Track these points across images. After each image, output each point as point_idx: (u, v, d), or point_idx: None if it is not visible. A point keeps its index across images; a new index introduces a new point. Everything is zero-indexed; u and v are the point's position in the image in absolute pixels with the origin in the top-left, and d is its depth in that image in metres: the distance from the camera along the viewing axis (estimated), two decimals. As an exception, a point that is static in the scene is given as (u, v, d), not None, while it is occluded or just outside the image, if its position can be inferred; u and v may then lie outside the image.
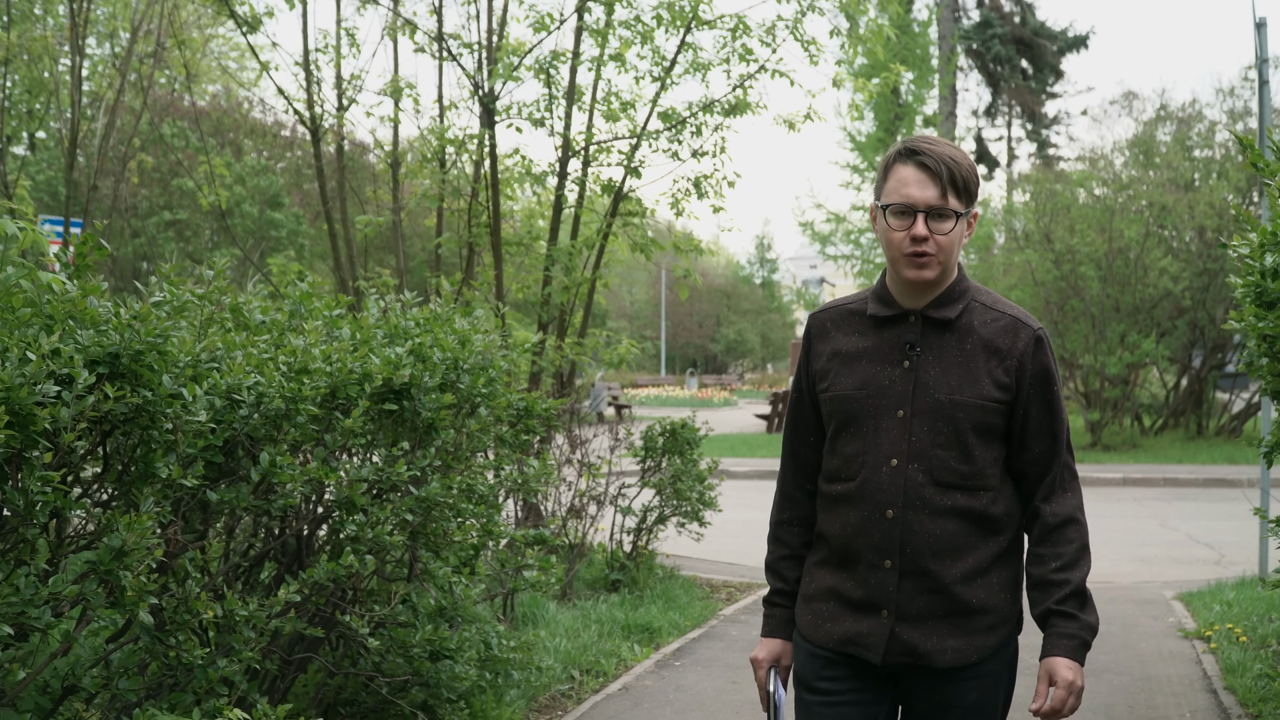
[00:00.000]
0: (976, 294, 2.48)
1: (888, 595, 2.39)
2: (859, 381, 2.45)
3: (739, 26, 7.81)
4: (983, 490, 2.40)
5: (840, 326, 2.53)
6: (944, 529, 2.37)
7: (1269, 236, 3.15)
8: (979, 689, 2.43)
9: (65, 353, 2.68)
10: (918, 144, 2.40)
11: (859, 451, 2.43)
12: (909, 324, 2.45)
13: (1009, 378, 2.41)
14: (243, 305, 3.74)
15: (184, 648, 3.11)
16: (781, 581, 2.61)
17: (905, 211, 2.36)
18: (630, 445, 7.84)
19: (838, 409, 2.47)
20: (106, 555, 2.81)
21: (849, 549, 2.44)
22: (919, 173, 2.36)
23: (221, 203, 9.16)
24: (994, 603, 2.41)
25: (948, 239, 2.37)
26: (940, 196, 2.35)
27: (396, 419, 4.02)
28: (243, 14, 8.48)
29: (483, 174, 8.18)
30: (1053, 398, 2.45)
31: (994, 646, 2.43)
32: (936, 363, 2.42)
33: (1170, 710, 5.25)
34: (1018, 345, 2.42)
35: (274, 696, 3.93)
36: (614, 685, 5.62)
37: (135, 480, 2.98)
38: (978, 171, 2.44)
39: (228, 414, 3.21)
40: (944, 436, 2.38)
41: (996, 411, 2.40)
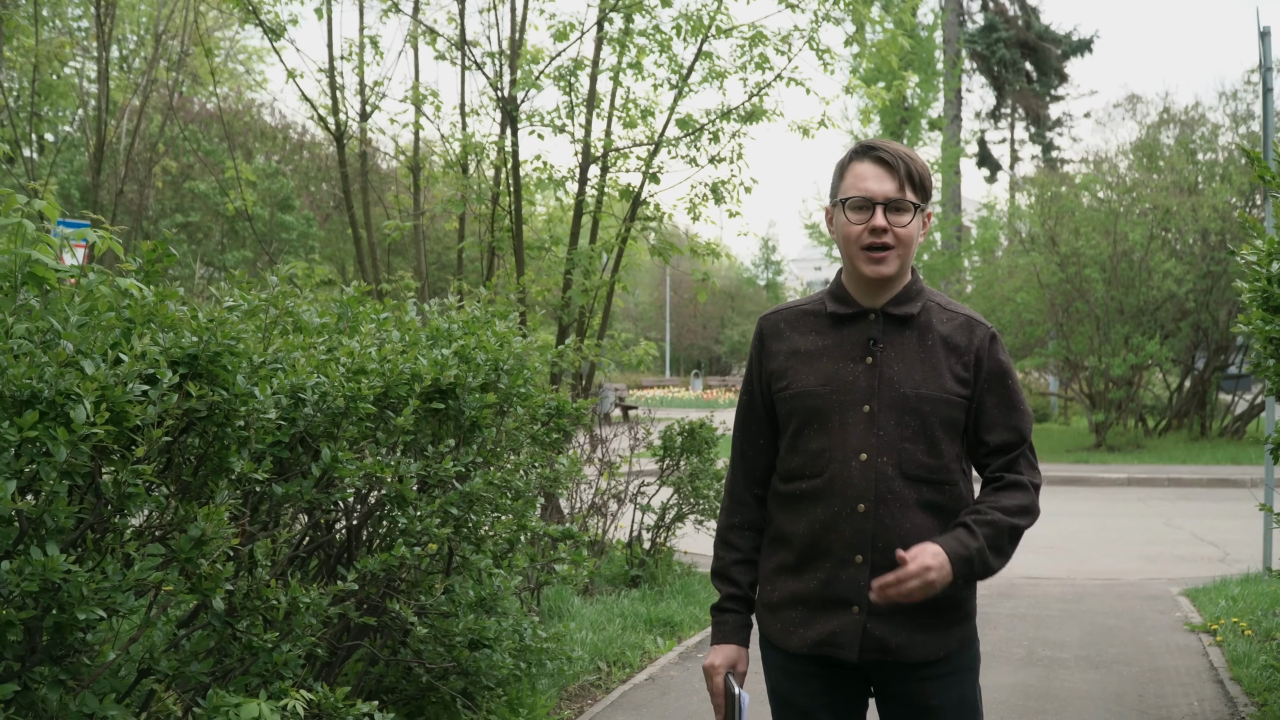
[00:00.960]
0: (931, 295, 2.52)
1: (858, 591, 2.38)
2: (821, 378, 2.44)
3: (756, 36, 8.00)
4: (947, 485, 2.42)
5: (795, 326, 2.53)
6: (914, 523, 2.38)
7: (1276, 245, 3.34)
8: (959, 685, 2.45)
9: (151, 354, 2.87)
10: (874, 142, 2.45)
11: (825, 447, 2.41)
12: (869, 321, 2.46)
13: (968, 373, 2.43)
14: (299, 310, 3.93)
15: (253, 632, 3.30)
16: (734, 586, 2.56)
17: (864, 205, 2.39)
18: (649, 445, 8.03)
19: (799, 406, 2.45)
20: (187, 544, 3.00)
21: (816, 546, 2.42)
22: (876, 167, 2.40)
23: (248, 208, 9.35)
24: (959, 597, 2.43)
25: (906, 231, 2.40)
26: (898, 189, 2.39)
27: (442, 417, 4.21)
28: (268, 22, 8.68)
29: (504, 179, 8.37)
30: (1008, 391, 2.46)
31: (960, 641, 2.45)
32: (899, 358, 2.43)
33: (1179, 699, 5.44)
34: (974, 342, 2.45)
35: (324, 683, 4.12)
36: (640, 675, 5.81)
37: (210, 474, 3.16)
38: (931, 173, 2.49)
39: (292, 412, 3.40)
40: (911, 430, 2.39)
41: (959, 406, 2.42)
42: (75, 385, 2.65)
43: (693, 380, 44.28)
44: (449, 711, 4.69)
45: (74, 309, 2.88)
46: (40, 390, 2.65)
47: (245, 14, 8.49)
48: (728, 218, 8.70)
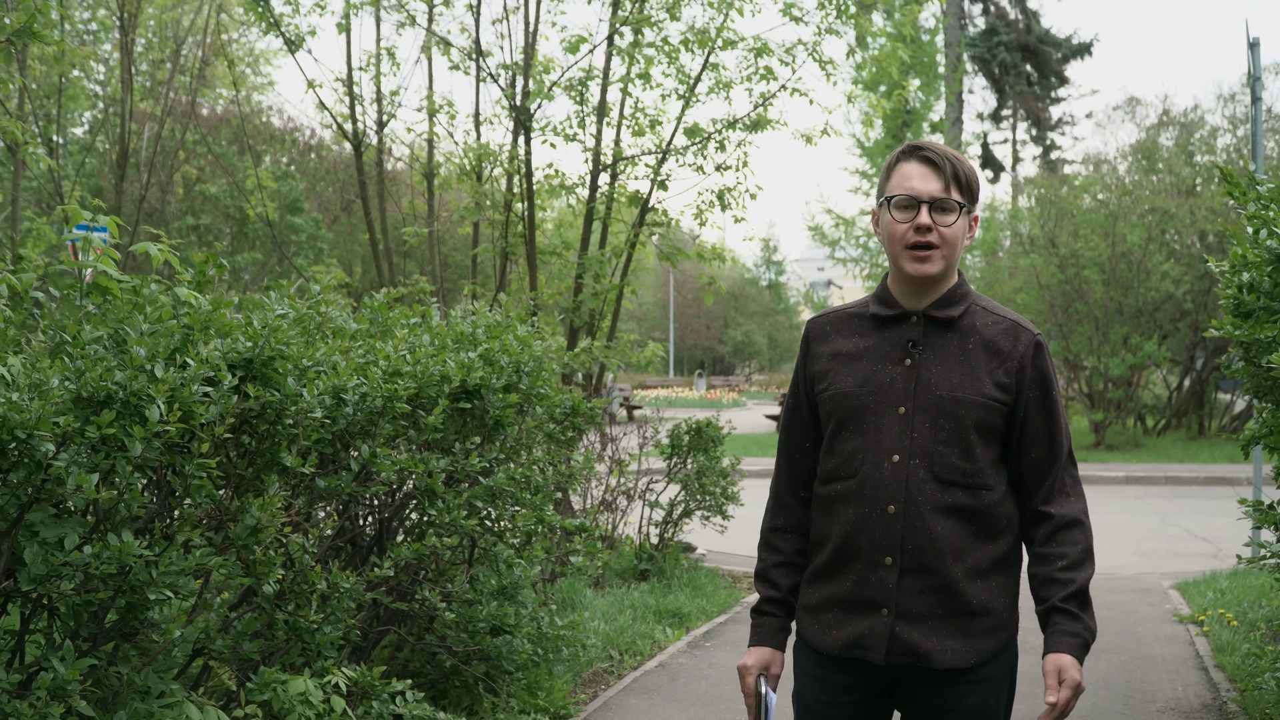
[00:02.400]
0: (977, 299, 2.50)
1: (887, 593, 2.38)
2: (859, 379, 2.44)
3: (762, 48, 8.28)
4: (982, 490, 2.39)
5: (840, 330, 2.53)
6: (945, 526, 2.36)
7: (1240, 258, 3.61)
8: (980, 693, 2.41)
9: (213, 358, 3.15)
10: (922, 143, 2.46)
11: (859, 448, 2.41)
12: (911, 323, 2.45)
13: (1009, 379, 2.41)
14: (336, 316, 4.20)
15: (300, 614, 3.58)
16: (774, 589, 2.56)
17: (909, 204, 2.39)
18: (657, 443, 8.31)
19: (837, 406, 2.46)
20: (244, 533, 3.28)
21: (848, 547, 2.42)
22: (922, 167, 2.40)
23: (269, 214, 9.63)
24: (993, 605, 2.41)
25: (951, 231, 2.39)
26: (944, 189, 2.38)
27: (468, 416, 4.49)
28: (288, 33, 8.96)
29: (516, 187, 8.65)
30: (1051, 403, 2.45)
31: (992, 650, 2.41)
32: (938, 360, 2.42)
33: (1164, 685, 5.71)
34: (1018, 348, 2.42)
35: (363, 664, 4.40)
36: (651, 663, 6.09)
37: (262, 468, 3.44)
38: (979, 176, 2.48)
39: (335, 411, 3.67)
40: (946, 433, 2.38)
41: (997, 411, 2.40)
42: (148, 387, 2.93)
43: (696, 380, 44.57)
44: (471, 694, 4.96)
45: (147, 318, 3.15)
46: (115, 392, 2.92)
47: (268, 26, 8.76)
48: (733, 223, 8.99)
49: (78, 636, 3.01)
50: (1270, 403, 3.83)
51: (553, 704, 5.14)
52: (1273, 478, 4.95)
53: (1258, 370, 3.76)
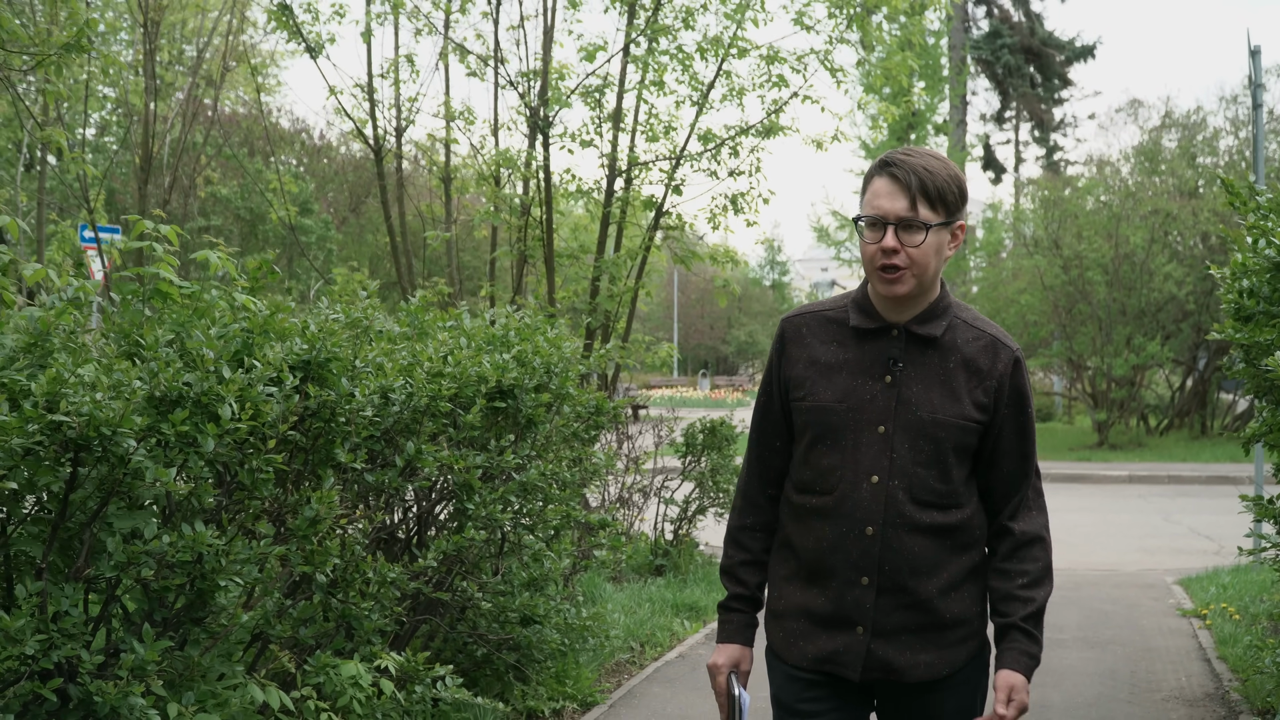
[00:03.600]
0: (959, 310, 2.46)
1: (864, 612, 2.37)
2: (839, 394, 2.41)
3: (774, 57, 8.49)
4: (955, 508, 2.40)
5: (817, 334, 2.48)
6: (922, 546, 2.36)
7: (1240, 266, 3.82)
8: (957, 696, 2.44)
9: (275, 360, 3.35)
10: (893, 156, 2.36)
11: (837, 465, 2.39)
12: (892, 338, 2.41)
13: (988, 398, 2.40)
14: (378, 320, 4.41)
15: (352, 601, 3.79)
16: (741, 586, 2.55)
17: (876, 223, 2.34)
18: (672, 442, 8.52)
19: (814, 419, 2.42)
20: (303, 524, 3.49)
21: (822, 564, 2.40)
22: (889, 184, 2.32)
23: (290, 218, 9.84)
24: (966, 615, 2.43)
25: (919, 251, 2.32)
26: (909, 208, 2.30)
27: (502, 414, 4.70)
28: (310, 40, 9.17)
29: (533, 191, 8.86)
30: (1025, 420, 2.45)
31: (965, 658, 2.43)
32: (919, 380, 2.39)
33: (1168, 676, 5.91)
34: (998, 366, 2.41)
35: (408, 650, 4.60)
36: (671, 654, 6.30)
37: (318, 463, 3.65)
38: (961, 181, 2.39)
39: (383, 410, 3.88)
40: (925, 455, 2.36)
41: (974, 432, 2.39)
42: (217, 388, 3.13)
43: (700, 380, 44.79)
44: (502, 682, 5.17)
45: (214, 322, 3.36)
46: (186, 392, 3.13)
47: (290, 33, 8.97)
48: (745, 227, 9.22)
49: (151, 620, 3.22)
50: (1270, 402, 4.02)
51: (580, 692, 5.34)
52: (1273, 475, 5.15)
53: (1257, 372, 3.96)
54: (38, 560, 3.07)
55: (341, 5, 9.36)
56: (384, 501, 4.29)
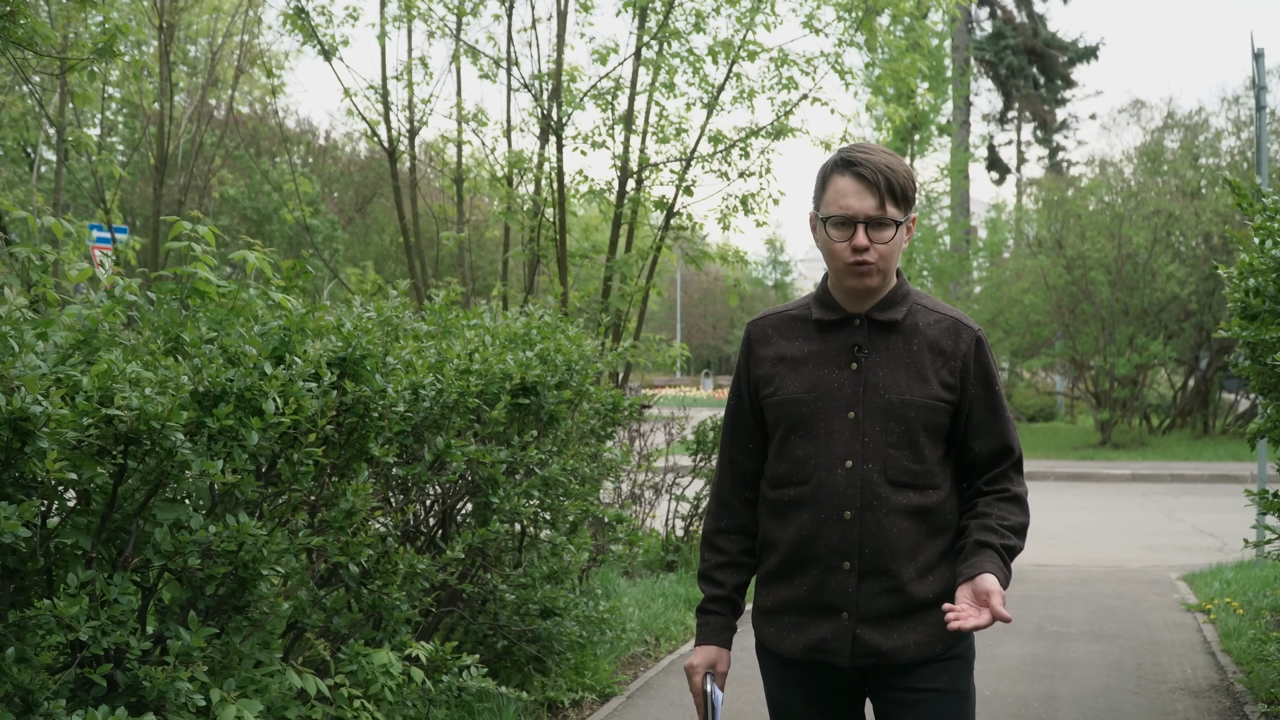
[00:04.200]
0: (917, 297, 2.52)
1: (847, 597, 2.40)
2: (807, 385, 2.45)
3: (784, 59, 8.60)
4: (930, 489, 2.43)
5: (782, 332, 2.54)
6: (900, 528, 2.40)
7: (1246, 266, 3.93)
8: (948, 671, 2.46)
9: (314, 357, 3.46)
10: (854, 154, 2.41)
11: (811, 454, 2.43)
12: (854, 327, 2.46)
13: (954, 378, 2.44)
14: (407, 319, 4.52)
15: (384, 591, 3.90)
16: (718, 588, 2.58)
17: (845, 223, 2.39)
18: (683, 440, 8.63)
19: (785, 412, 2.47)
20: (339, 515, 3.60)
21: (804, 553, 2.44)
22: (856, 183, 2.38)
23: (305, 218, 9.96)
24: (944, 593, 2.43)
25: (888, 247, 2.39)
26: (879, 206, 2.37)
27: (525, 411, 4.81)
28: (325, 43, 9.29)
29: (545, 192, 8.97)
30: (994, 398, 2.48)
31: (953, 635, 2.44)
32: (884, 364, 2.44)
33: (1173, 667, 6.02)
34: (960, 346, 2.45)
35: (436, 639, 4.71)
36: (685, 647, 6.42)
37: (352, 457, 3.76)
38: (914, 177, 2.48)
39: (414, 405, 3.99)
40: (896, 436, 2.40)
41: (944, 411, 2.43)
42: (260, 383, 3.25)
43: (703, 380, 44.91)
44: (522, 673, 5.28)
45: (258, 320, 3.47)
46: (229, 387, 3.24)
47: (306, 36, 9.09)
48: (755, 227, 9.33)
49: (195, 608, 3.33)
50: (1275, 398, 4.13)
51: (598, 683, 5.45)
52: (1277, 470, 5.26)
53: (1263, 368, 4.07)
54: (86, 550, 3.19)
55: (355, 8, 9.49)
56: (414, 495, 4.40)
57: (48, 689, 2.88)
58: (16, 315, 3.12)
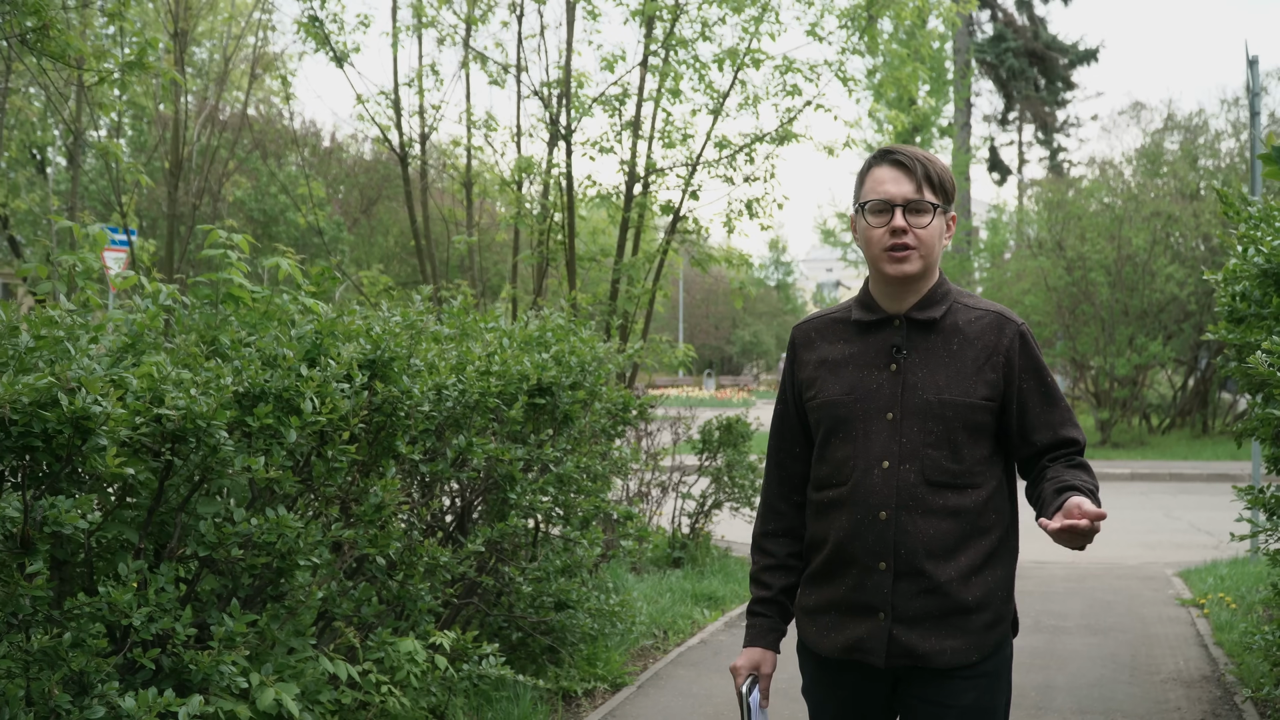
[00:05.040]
0: (958, 295, 2.51)
1: (883, 597, 2.40)
2: (846, 386, 2.47)
3: (788, 67, 8.79)
4: (971, 489, 2.41)
5: (825, 336, 2.55)
6: (937, 529, 2.39)
7: (1231, 272, 4.12)
8: (976, 689, 2.43)
9: (347, 359, 3.66)
10: (892, 147, 2.48)
11: (849, 455, 2.44)
12: (894, 328, 2.46)
13: (996, 374, 2.42)
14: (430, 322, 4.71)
15: (410, 583, 4.09)
16: (765, 590, 2.60)
17: (883, 208, 2.42)
18: (689, 439, 8.83)
19: (826, 415, 2.48)
20: (369, 510, 3.79)
21: (843, 553, 2.45)
22: (894, 170, 2.42)
23: (319, 222, 10.16)
24: (989, 600, 2.42)
25: (927, 232, 2.41)
26: (916, 190, 2.40)
27: (541, 410, 5.00)
28: (337, 49, 9.49)
29: (556, 197, 9.16)
30: (1048, 389, 2.46)
31: (992, 645, 2.43)
32: (924, 364, 2.43)
33: (1167, 659, 6.21)
34: (1003, 341, 2.44)
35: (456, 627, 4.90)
36: (693, 640, 6.60)
37: (380, 454, 3.95)
38: (952, 175, 2.50)
39: (438, 405, 4.18)
40: (934, 436, 2.39)
41: (985, 410, 2.41)
42: (297, 384, 3.44)
43: (705, 380, 45.09)
44: (536, 663, 5.47)
45: (295, 324, 3.67)
46: (268, 388, 3.44)
47: (319, 42, 9.29)
48: (760, 230, 9.54)
49: (235, 596, 3.52)
50: (1260, 398, 4.31)
51: (610, 673, 5.64)
52: (1266, 468, 5.44)
53: (1249, 369, 4.25)
54: (133, 543, 3.38)
55: (366, 16, 9.69)
56: (438, 490, 4.59)
57: (102, 672, 3.08)
58: (69, 320, 3.31)
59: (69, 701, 3.00)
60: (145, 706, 3.03)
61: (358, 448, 3.80)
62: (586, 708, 5.35)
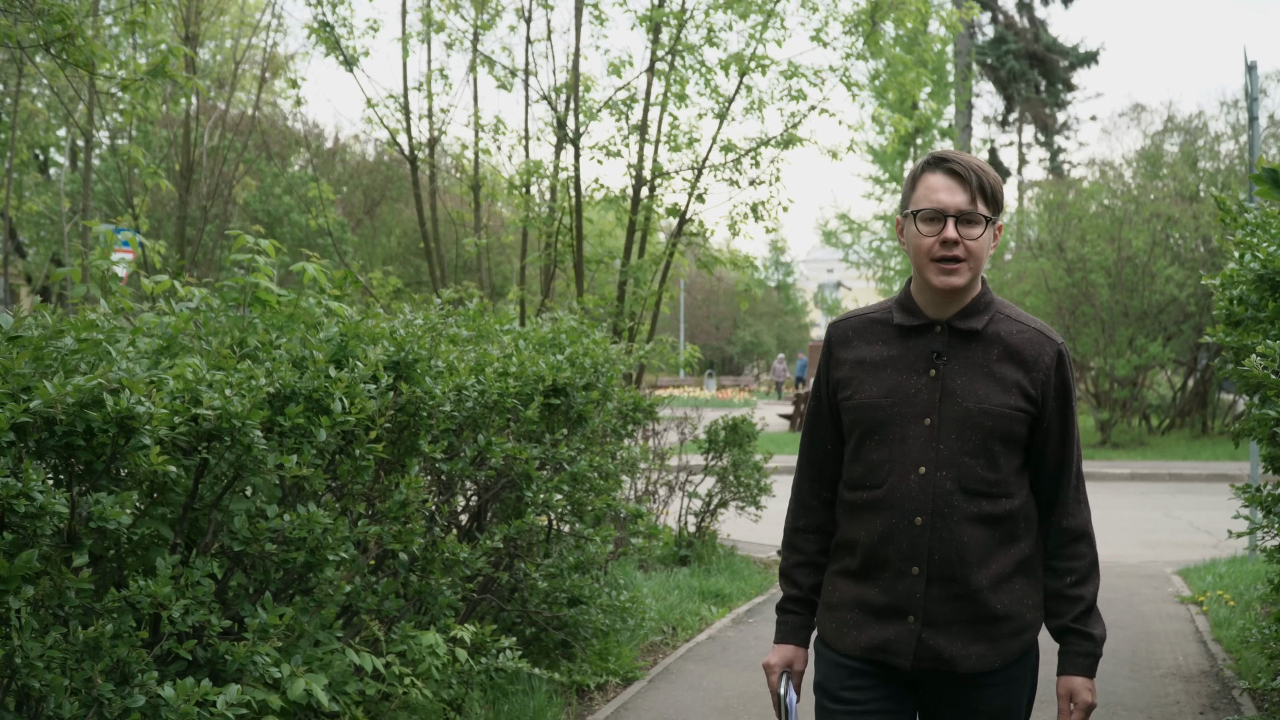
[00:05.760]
0: (1001, 306, 2.51)
1: (915, 601, 2.41)
2: (885, 390, 2.46)
3: (793, 73, 8.93)
4: (1004, 498, 2.43)
5: (863, 335, 2.54)
6: (971, 536, 2.40)
7: (1228, 277, 4.24)
8: (1004, 695, 2.46)
9: (372, 360, 3.78)
10: (946, 154, 2.44)
11: (886, 459, 2.44)
12: (935, 334, 2.46)
13: (1035, 390, 2.44)
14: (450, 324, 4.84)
15: (431, 578, 4.21)
16: (795, 588, 2.61)
17: (935, 217, 2.40)
18: (695, 439, 8.95)
19: (862, 417, 2.48)
20: (394, 507, 3.91)
21: (875, 556, 2.45)
22: (948, 179, 2.40)
23: (329, 224, 10.28)
24: (1017, 609, 2.45)
25: (977, 244, 2.40)
26: (970, 202, 2.38)
27: (556, 410, 5.13)
28: (347, 53, 9.61)
29: (563, 199, 9.29)
30: (1069, 412, 2.49)
31: (1017, 652, 2.45)
32: (963, 371, 2.43)
33: (1166, 655, 6.33)
34: (1044, 358, 2.45)
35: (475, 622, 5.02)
36: (701, 635, 6.73)
37: (403, 453, 4.08)
38: (1002, 184, 2.50)
39: (458, 405, 4.31)
40: (972, 444, 2.40)
41: (1022, 421, 2.43)
42: (326, 384, 3.56)
43: (706, 380, 45.22)
44: (549, 658, 5.60)
45: (322, 327, 3.79)
46: (299, 389, 3.56)
47: (329, 47, 9.41)
48: (765, 233, 9.69)
49: (265, 590, 3.65)
50: (1257, 399, 4.43)
51: (621, 668, 5.77)
52: (1263, 468, 5.56)
53: (1245, 372, 4.37)
54: (167, 538, 3.50)
55: (375, 20, 9.82)
56: (457, 489, 4.72)
57: (142, 662, 3.20)
58: (109, 324, 3.43)
59: (110, 691, 3.12)
60: (184, 695, 3.15)
61: (383, 446, 3.92)
62: (599, 701, 5.48)
